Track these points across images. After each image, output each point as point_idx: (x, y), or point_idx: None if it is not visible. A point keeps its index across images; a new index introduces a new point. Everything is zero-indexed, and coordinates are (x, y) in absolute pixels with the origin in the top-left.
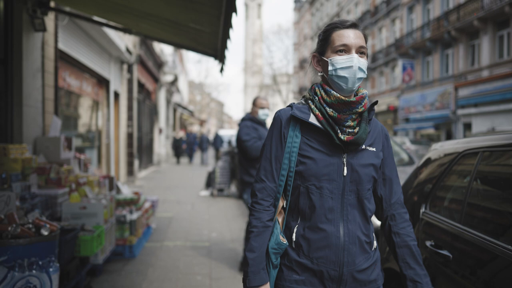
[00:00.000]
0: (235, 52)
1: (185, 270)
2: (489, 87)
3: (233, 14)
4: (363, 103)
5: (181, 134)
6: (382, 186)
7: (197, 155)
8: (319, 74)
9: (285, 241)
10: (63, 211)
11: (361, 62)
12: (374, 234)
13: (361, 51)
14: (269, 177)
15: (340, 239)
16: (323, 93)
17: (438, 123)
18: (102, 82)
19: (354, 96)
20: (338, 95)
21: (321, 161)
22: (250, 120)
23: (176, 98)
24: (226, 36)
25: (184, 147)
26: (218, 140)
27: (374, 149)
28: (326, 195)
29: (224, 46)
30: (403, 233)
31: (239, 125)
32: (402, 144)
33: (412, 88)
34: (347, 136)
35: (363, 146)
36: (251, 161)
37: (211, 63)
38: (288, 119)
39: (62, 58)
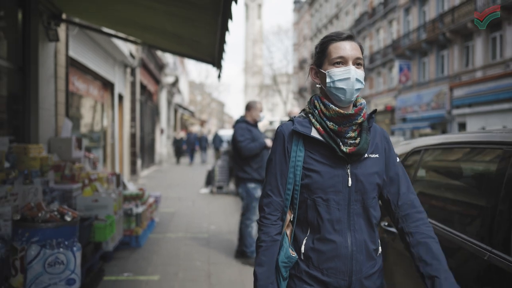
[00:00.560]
0: (236, 52)
1: (186, 257)
2: (482, 88)
3: (227, 33)
4: (362, 114)
5: (181, 134)
6: (388, 189)
7: (197, 155)
8: (317, 86)
9: (294, 254)
10: (77, 204)
11: (358, 74)
12: (379, 240)
13: (357, 63)
14: (275, 191)
15: (348, 249)
16: (322, 107)
17: (434, 123)
18: (107, 85)
19: (353, 107)
20: (337, 109)
21: (326, 174)
22: (245, 122)
23: (177, 99)
24: (222, 49)
25: (185, 148)
26: (217, 140)
27: (377, 155)
28: (333, 206)
29: (220, 57)
30: (415, 231)
31: (234, 126)
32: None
33: (409, 88)
34: (350, 148)
35: (366, 155)
36: (245, 159)
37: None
38: (291, 134)
39: (72, 64)
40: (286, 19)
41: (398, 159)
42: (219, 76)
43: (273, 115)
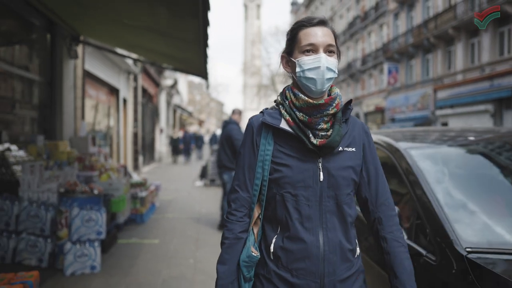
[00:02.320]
0: (235, 52)
1: (180, 229)
2: (463, 90)
3: (207, 60)
4: (334, 104)
5: (178, 133)
6: (366, 187)
7: (194, 154)
8: (289, 75)
9: (256, 254)
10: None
11: (330, 62)
12: (356, 240)
13: (329, 50)
14: (242, 187)
15: (320, 248)
16: (292, 97)
17: (419, 123)
18: (113, 91)
19: (328, 96)
20: (306, 98)
21: (296, 168)
22: (236, 124)
23: (176, 100)
24: (205, 67)
25: (182, 148)
26: (213, 139)
27: (353, 149)
28: (303, 202)
29: (205, 72)
30: (390, 237)
31: (227, 127)
32: None
33: (397, 90)
34: (320, 140)
35: (340, 148)
36: (236, 151)
37: (210, 63)
38: (260, 126)
39: (86, 75)
40: (284, 19)
41: (377, 157)
42: (207, 87)
43: None
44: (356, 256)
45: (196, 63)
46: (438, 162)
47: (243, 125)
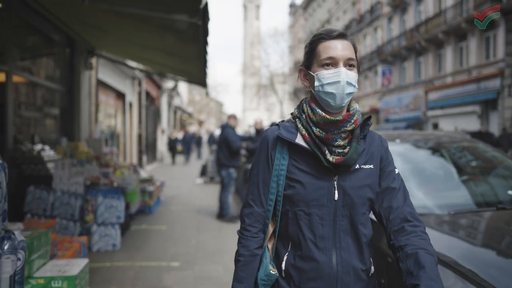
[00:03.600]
0: (234, 53)
1: (183, 218)
2: (452, 92)
3: (206, 70)
4: (352, 121)
5: (175, 134)
6: (380, 202)
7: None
8: (306, 89)
9: (274, 272)
10: None
11: (350, 76)
12: (371, 260)
13: (349, 64)
14: (257, 202)
15: (333, 269)
16: (309, 111)
17: (411, 124)
18: (120, 96)
19: (347, 111)
20: (324, 114)
21: (310, 185)
22: (231, 128)
23: (176, 101)
24: (205, 77)
25: (180, 149)
26: (211, 139)
27: (371, 166)
28: (316, 221)
29: (205, 82)
30: (404, 244)
31: (224, 131)
32: None
33: (391, 91)
34: (336, 157)
35: (357, 166)
36: (232, 151)
37: (210, 63)
38: (275, 140)
39: (98, 83)
40: (283, 20)
41: (397, 170)
42: (206, 94)
43: (271, 114)
44: (370, 275)
45: (197, 75)
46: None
47: (239, 128)
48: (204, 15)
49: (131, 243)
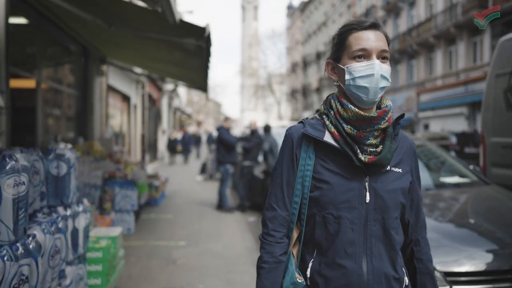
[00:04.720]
0: (233, 54)
1: (186, 209)
2: (442, 94)
3: (207, 80)
4: (386, 118)
5: (175, 135)
6: (409, 211)
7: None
8: (335, 84)
9: (301, 280)
10: None
11: (384, 69)
12: (404, 269)
13: (383, 56)
14: (280, 204)
15: (363, 277)
16: (339, 107)
17: (403, 125)
18: (126, 99)
19: (377, 109)
20: (357, 110)
21: (339, 186)
22: (225, 129)
23: (176, 102)
24: (206, 84)
25: (179, 149)
26: (210, 139)
27: (400, 170)
28: (346, 225)
29: (206, 87)
30: (425, 258)
31: (220, 132)
32: None
33: (385, 93)
34: (369, 157)
35: (388, 167)
36: (227, 149)
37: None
38: (300, 138)
39: (108, 88)
40: (281, 21)
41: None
42: (207, 98)
43: (268, 115)
44: (405, 286)
45: (199, 82)
46: None
47: (237, 129)
48: (207, 40)
49: (142, 228)
